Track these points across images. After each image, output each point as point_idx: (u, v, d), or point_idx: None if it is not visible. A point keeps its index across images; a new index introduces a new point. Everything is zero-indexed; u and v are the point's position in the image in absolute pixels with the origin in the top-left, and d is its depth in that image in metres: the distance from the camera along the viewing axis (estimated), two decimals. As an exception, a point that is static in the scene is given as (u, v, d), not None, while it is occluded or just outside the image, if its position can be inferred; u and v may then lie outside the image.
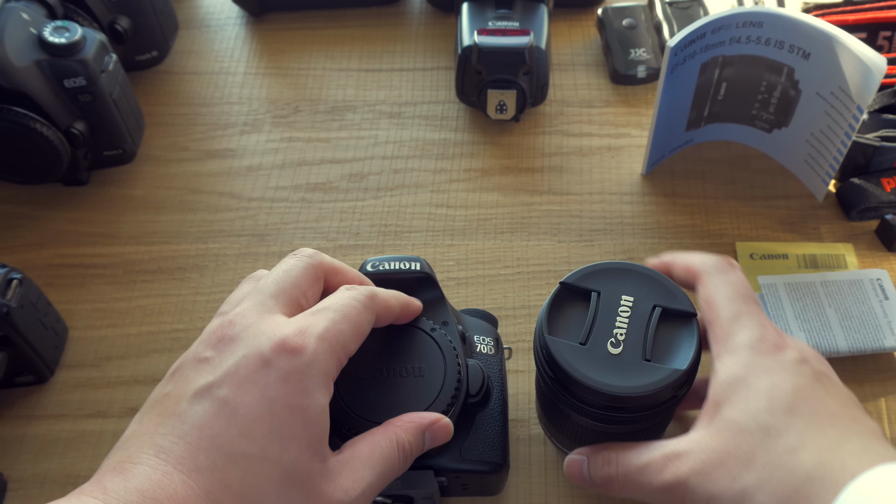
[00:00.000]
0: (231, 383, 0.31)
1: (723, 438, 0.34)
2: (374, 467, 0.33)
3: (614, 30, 0.66)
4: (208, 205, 0.59)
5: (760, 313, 0.37)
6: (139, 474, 0.29)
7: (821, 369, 0.36)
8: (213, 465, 0.30)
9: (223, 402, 0.30)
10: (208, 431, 0.30)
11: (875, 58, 0.47)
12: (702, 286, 0.39)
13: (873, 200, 0.55)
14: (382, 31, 0.70)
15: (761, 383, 0.34)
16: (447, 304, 0.41)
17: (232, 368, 0.31)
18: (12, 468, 0.47)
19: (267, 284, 0.35)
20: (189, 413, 0.30)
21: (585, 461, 0.39)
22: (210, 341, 0.33)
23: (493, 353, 0.43)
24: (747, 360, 0.35)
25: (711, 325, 0.38)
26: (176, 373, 0.33)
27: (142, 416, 0.32)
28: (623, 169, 0.60)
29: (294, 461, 0.31)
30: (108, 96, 0.55)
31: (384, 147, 0.62)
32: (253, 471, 0.30)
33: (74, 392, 0.50)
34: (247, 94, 0.66)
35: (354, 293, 0.35)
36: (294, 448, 0.31)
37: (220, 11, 0.73)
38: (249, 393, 0.31)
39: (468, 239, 0.56)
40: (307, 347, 0.32)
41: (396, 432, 0.34)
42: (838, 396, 0.35)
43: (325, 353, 0.32)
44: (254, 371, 0.31)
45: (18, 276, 0.47)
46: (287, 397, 0.31)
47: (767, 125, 0.58)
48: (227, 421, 0.30)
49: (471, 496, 0.43)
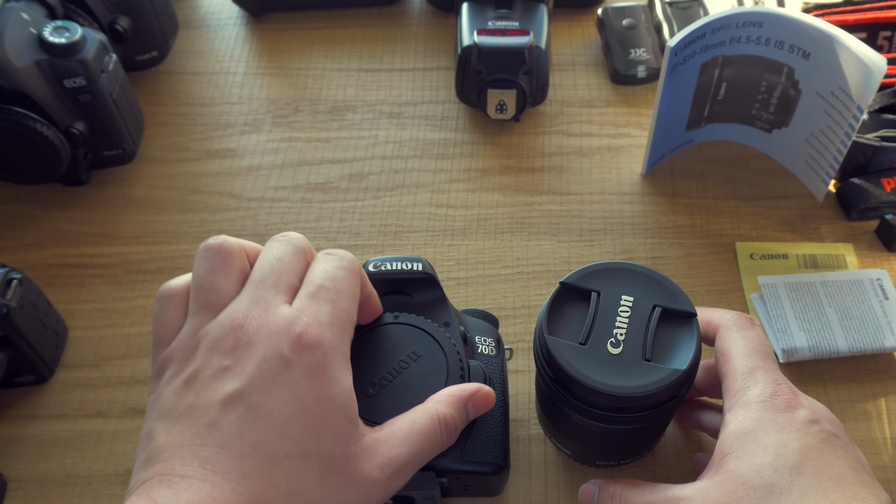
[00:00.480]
0: (259, 388, 0.31)
1: (725, 490, 0.34)
2: (412, 444, 0.34)
3: (614, 30, 0.66)
4: (208, 205, 0.59)
5: (777, 371, 0.37)
6: (189, 487, 0.29)
7: (832, 430, 0.35)
8: (259, 469, 0.30)
9: (256, 407, 0.31)
10: (249, 438, 0.31)
11: (875, 58, 0.47)
12: (720, 339, 0.40)
13: (873, 200, 0.55)
14: (382, 31, 0.70)
15: (769, 439, 0.34)
16: (449, 305, 0.41)
17: (256, 374, 0.32)
18: (12, 468, 0.47)
19: (263, 275, 0.35)
20: (225, 422, 0.31)
21: (597, 492, 0.39)
22: (224, 348, 0.33)
23: (494, 353, 0.43)
24: (758, 415, 0.35)
25: (726, 378, 0.38)
26: (193, 381, 0.32)
27: (170, 427, 0.31)
28: (623, 169, 0.60)
29: (331, 450, 0.32)
30: (108, 96, 0.55)
31: (384, 147, 0.62)
32: (296, 468, 0.31)
33: (74, 392, 0.50)
34: (247, 94, 0.66)
35: (337, 262, 0.36)
36: (329, 437, 0.32)
37: (220, 11, 0.73)
38: (279, 395, 0.31)
39: (468, 239, 0.56)
40: (322, 338, 0.33)
41: (437, 407, 0.35)
42: (847, 459, 0.34)
43: (338, 337, 0.33)
44: (278, 373, 0.32)
45: (18, 276, 0.47)
46: (314, 391, 0.32)
47: (767, 125, 0.58)
48: (265, 425, 0.31)
49: (471, 497, 0.43)
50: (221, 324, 0.33)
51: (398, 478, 0.33)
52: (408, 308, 0.40)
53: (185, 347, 0.34)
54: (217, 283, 0.35)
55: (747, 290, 0.53)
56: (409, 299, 0.41)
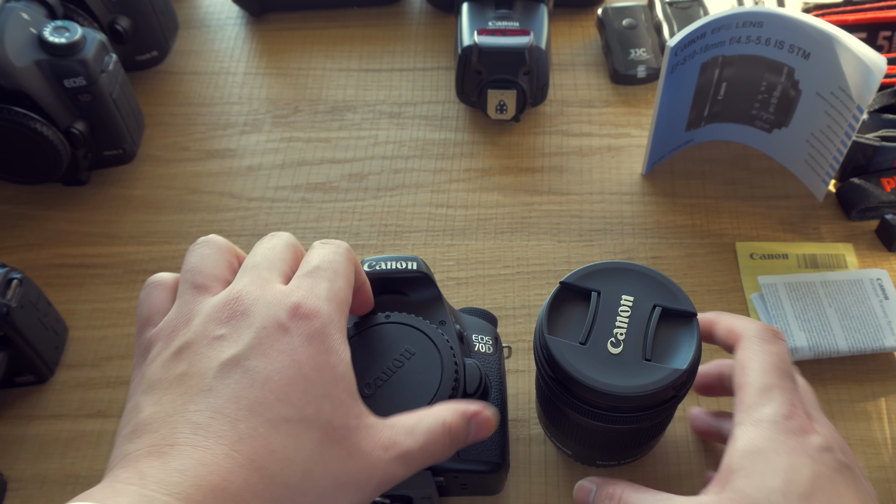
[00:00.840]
0: (257, 353, 0.31)
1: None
2: (416, 437, 0.33)
3: (614, 30, 0.66)
4: (208, 205, 0.59)
5: (794, 391, 0.36)
6: (179, 454, 0.28)
7: (844, 461, 0.35)
8: (255, 432, 0.29)
9: (254, 371, 0.30)
10: (245, 402, 0.30)
11: (875, 58, 0.47)
12: (741, 349, 0.38)
13: (873, 200, 0.55)
14: (382, 31, 0.70)
15: (781, 462, 0.33)
16: (444, 304, 0.41)
17: (254, 340, 0.31)
18: (12, 468, 0.47)
19: (257, 261, 0.34)
20: (220, 387, 0.30)
21: (594, 491, 0.38)
22: (220, 318, 0.32)
23: (491, 352, 0.43)
24: (770, 435, 0.34)
25: (740, 391, 0.37)
26: (185, 351, 0.32)
27: (159, 397, 0.30)
28: (623, 169, 0.60)
29: (330, 419, 0.31)
30: (108, 96, 0.55)
31: (384, 147, 0.62)
32: (293, 434, 0.30)
33: (74, 392, 0.50)
34: (247, 94, 0.66)
35: (333, 248, 0.36)
36: (329, 406, 0.31)
37: (220, 11, 0.73)
38: (278, 360, 0.31)
39: (468, 239, 0.56)
40: (320, 309, 0.32)
41: (444, 414, 0.34)
42: (858, 492, 0.34)
43: (336, 311, 0.33)
44: (276, 339, 0.31)
45: (18, 276, 0.47)
46: (314, 358, 0.31)
47: (767, 125, 0.58)
48: (262, 388, 0.30)
49: (470, 496, 0.43)
50: (216, 299, 0.33)
51: (401, 465, 0.32)
52: (404, 307, 0.40)
53: (173, 325, 0.33)
54: (208, 268, 0.34)
55: (747, 289, 0.53)
56: (405, 298, 0.41)
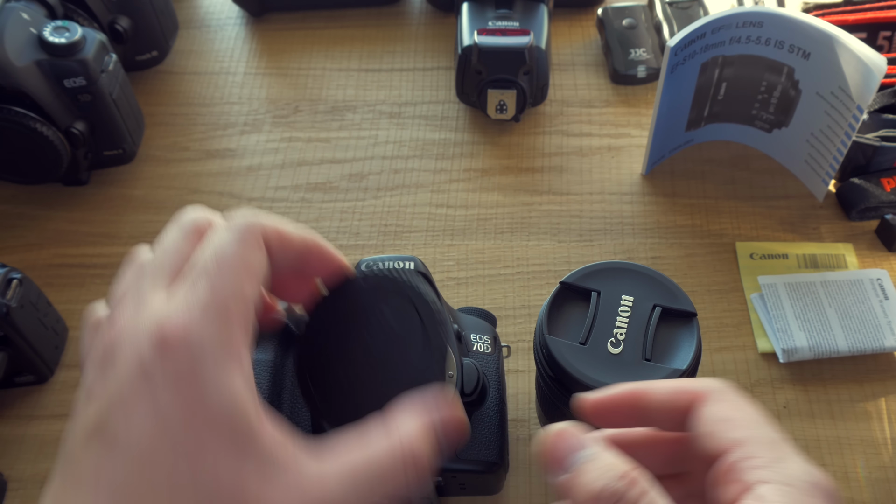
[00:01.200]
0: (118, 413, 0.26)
1: None
2: (356, 486, 0.27)
3: (614, 30, 0.66)
4: (208, 205, 0.59)
5: None
6: None
7: None
8: None
9: (113, 438, 0.26)
10: (105, 478, 0.26)
11: (875, 58, 0.47)
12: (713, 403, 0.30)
13: (873, 200, 0.55)
14: (382, 31, 0.70)
15: None
16: (443, 303, 0.41)
17: (115, 394, 0.26)
18: (12, 468, 0.47)
19: (144, 263, 0.30)
20: (84, 460, 0.26)
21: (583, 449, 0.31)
22: (95, 362, 0.28)
23: (490, 351, 0.43)
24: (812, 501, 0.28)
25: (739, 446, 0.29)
26: (74, 409, 0.28)
27: (57, 467, 0.27)
28: (623, 169, 0.60)
29: (212, 474, 0.25)
30: (108, 96, 0.55)
31: (384, 147, 0.62)
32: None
33: (74, 392, 0.50)
34: (247, 94, 0.66)
35: (227, 235, 0.29)
36: (209, 458, 0.25)
37: (220, 11, 0.73)
38: (138, 415, 0.26)
39: (468, 239, 0.56)
40: (190, 333, 0.26)
41: (403, 441, 0.28)
42: None
43: (214, 323, 0.27)
44: (137, 389, 0.26)
45: (18, 276, 0.47)
46: (183, 402, 0.26)
47: (767, 125, 0.58)
48: (123, 459, 0.26)
49: (470, 496, 0.43)
50: (99, 335, 0.29)
51: None
52: None
53: None
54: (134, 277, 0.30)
55: (747, 290, 0.53)
56: None
